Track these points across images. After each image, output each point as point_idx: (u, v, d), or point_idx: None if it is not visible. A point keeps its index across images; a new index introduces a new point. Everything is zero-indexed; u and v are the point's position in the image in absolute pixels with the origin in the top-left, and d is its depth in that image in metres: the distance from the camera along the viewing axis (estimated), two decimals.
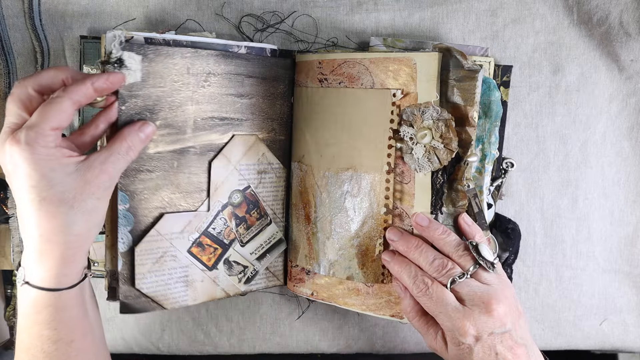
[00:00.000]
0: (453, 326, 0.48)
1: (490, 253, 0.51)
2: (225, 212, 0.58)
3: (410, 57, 0.53)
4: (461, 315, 0.48)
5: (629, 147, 0.66)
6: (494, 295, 0.48)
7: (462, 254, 0.50)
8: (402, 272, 0.52)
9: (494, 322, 0.47)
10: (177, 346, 0.68)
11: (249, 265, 0.60)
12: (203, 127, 0.56)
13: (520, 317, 0.49)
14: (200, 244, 0.57)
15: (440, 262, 0.50)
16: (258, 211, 0.61)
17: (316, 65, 0.58)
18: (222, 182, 0.58)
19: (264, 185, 0.61)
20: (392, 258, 0.54)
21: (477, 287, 0.49)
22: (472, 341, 0.47)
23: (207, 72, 0.56)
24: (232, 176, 0.58)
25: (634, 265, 0.68)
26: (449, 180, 0.54)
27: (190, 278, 0.58)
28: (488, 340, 0.47)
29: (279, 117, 0.61)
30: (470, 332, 0.47)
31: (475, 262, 0.50)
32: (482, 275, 0.50)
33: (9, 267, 0.67)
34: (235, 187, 0.59)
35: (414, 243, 0.52)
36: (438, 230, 0.52)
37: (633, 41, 0.63)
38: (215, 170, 0.57)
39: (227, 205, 0.58)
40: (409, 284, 0.52)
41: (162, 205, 0.55)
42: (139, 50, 0.51)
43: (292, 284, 0.63)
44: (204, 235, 0.57)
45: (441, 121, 0.52)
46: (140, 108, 0.52)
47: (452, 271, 0.50)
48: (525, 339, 0.49)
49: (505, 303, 0.48)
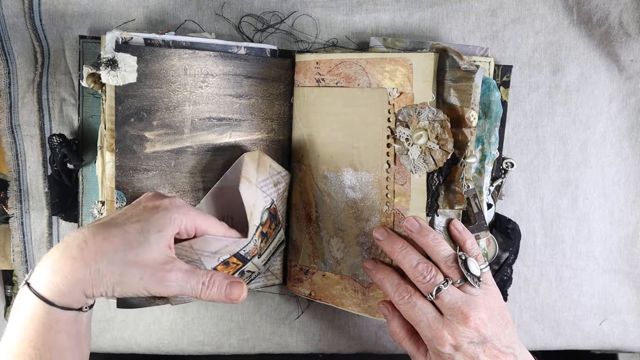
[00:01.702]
0: (432, 336, 0.48)
1: (477, 268, 0.50)
2: (257, 233, 0.56)
3: (407, 58, 0.53)
4: (440, 325, 0.48)
5: (629, 147, 0.66)
6: (473, 306, 0.48)
7: (450, 266, 0.50)
8: (384, 280, 0.52)
9: (471, 331, 0.47)
10: (177, 346, 0.69)
11: (256, 270, 0.60)
12: (201, 128, 0.57)
13: (506, 326, 0.50)
14: (227, 262, 0.55)
15: (425, 266, 0.50)
16: (275, 222, 0.60)
17: (314, 66, 0.58)
18: (254, 204, 0.55)
19: (280, 196, 0.60)
20: (374, 266, 0.54)
21: (459, 297, 0.49)
22: (452, 351, 0.48)
23: (205, 73, 0.56)
24: (258, 196, 0.56)
25: (634, 265, 0.68)
26: (445, 181, 0.54)
27: None
28: (469, 350, 0.47)
29: (278, 118, 0.61)
30: (449, 342, 0.48)
31: (462, 277, 0.50)
32: (466, 288, 0.50)
33: (9, 267, 0.67)
34: (262, 205, 0.56)
35: (399, 244, 0.52)
36: (428, 237, 0.51)
37: (633, 41, 0.63)
38: (244, 195, 0.54)
39: (259, 226, 0.56)
40: (390, 292, 0.51)
41: None
42: (135, 52, 0.52)
43: (291, 283, 0.63)
44: (234, 257, 0.55)
45: (437, 122, 0.52)
46: (136, 108, 0.53)
47: (436, 278, 0.49)
48: (513, 348, 0.49)
49: (485, 313, 0.48)
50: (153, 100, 0.54)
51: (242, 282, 0.49)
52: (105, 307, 0.67)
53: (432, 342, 0.49)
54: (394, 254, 0.52)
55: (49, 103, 0.62)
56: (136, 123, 0.54)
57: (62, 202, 0.62)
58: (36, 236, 0.64)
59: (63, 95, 0.62)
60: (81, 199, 0.62)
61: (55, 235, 0.64)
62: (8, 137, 0.61)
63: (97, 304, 0.66)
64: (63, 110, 0.62)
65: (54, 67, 0.61)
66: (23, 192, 0.63)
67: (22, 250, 0.64)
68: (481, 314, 0.48)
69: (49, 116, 0.62)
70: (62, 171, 0.61)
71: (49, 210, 0.63)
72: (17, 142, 0.62)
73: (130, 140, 0.54)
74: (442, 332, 0.48)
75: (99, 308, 0.67)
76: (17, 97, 0.61)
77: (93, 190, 0.62)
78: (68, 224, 0.64)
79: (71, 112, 0.62)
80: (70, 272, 0.43)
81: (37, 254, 0.64)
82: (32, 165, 0.62)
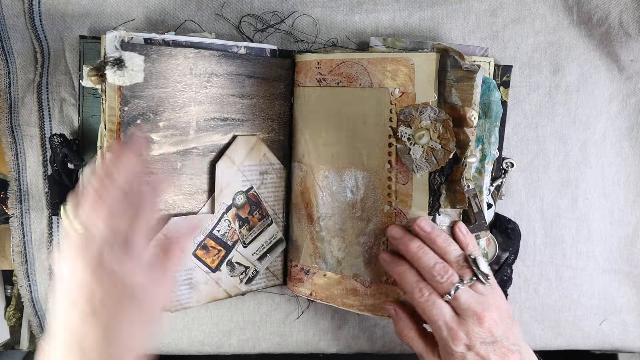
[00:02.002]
0: (448, 335, 0.49)
1: (486, 266, 0.52)
2: (230, 214, 0.58)
3: (408, 58, 0.53)
4: (456, 325, 0.49)
5: (629, 147, 0.66)
6: (486, 306, 0.49)
7: (462, 265, 0.51)
8: (404, 274, 0.52)
9: (485, 332, 0.49)
10: (177, 346, 0.68)
11: (250, 265, 0.60)
12: (205, 128, 0.56)
13: (512, 324, 0.51)
14: (205, 247, 0.57)
15: (442, 266, 0.51)
16: (260, 212, 0.61)
17: (314, 66, 0.58)
18: (227, 183, 0.58)
19: (265, 186, 0.61)
20: (391, 259, 0.54)
21: (473, 297, 0.50)
22: (465, 350, 0.49)
23: (209, 73, 0.56)
24: (236, 177, 0.58)
25: (634, 265, 0.68)
26: (447, 181, 0.54)
27: (195, 280, 0.58)
28: (481, 350, 0.49)
29: (278, 117, 0.61)
30: (463, 342, 0.49)
31: (473, 275, 0.51)
32: (477, 287, 0.51)
33: (9, 267, 0.67)
34: (239, 188, 0.59)
35: (416, 244, 0.52)
36: (440, 238, 0.52)
37: (633, 41, 0.63)
38: (220, 171, 0.57)
39: (232, 207, 0.58)
40: (410, 288, 0.52)
41: (166, 207, 0.55)
42: (142, 51, 0.51)
43: (292, 283, 0.63)
44: (209, 238, 0.57)
45: (439, 122, 0.52)
46: (143, 109, 0.53)
47: (453, 278, 0.50)
48: (519, 345, 0.51)
49: (496, 313, 0.50)
50: (159, 100, 0.53)
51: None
52: None
53: (447, 341, 0.49)
54: (410, 253, 0.52)
55: (49, 103, 0.62)
56: (143, 124, 0.54)
57: (62, 202, 0.62)
58: (36, 236, 0.64)
59: (63, 95, 0.62)
60: None
61: (55, 235, 0.64)
62: (8, 137, 0.61)
63: None
64: (63, 110, 0.62)
65: (54, 67, 0.61)
66: (23, 192, 0.63)
67: (22, 250, 0.64)
68: (493, 315, 0.49)
69: (49, 116, 0.62)
70: (62, 171, 0.61)
71: (49, 210, 0.63)
72: (17, 142, 0.62)
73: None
74: (458, 332, 0.49)
75: None
76: (17, 97, 0.61)
77: None
78: None
79: (71, 112, 0.62)
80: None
81: (37, 254, 0.64)
82: (32, 165, 0.62)
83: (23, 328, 0.69)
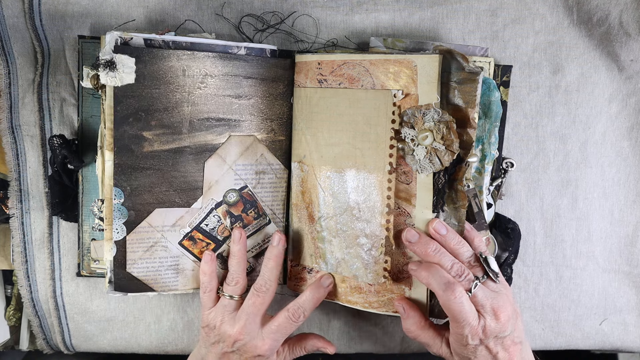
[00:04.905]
0: (470, 331, 0.51)
1: (496, 264, 0.54)
2: (219, 210, 0.60)
3: (411, 59, 0.53)
4: (476, 322, 0.51)
5: (629, 147, 0.66)
6: (501, 302, 0.52)
7: (474, 265, 0.53)
8: (431, 277, 0.53)
9: (500, 327, 0.51)
10: (177, 346, 0.69)
11: None
12: (199, 128, 0.58)
13: (517, 318, 0.54)
14: (192, 238, 0.60)
15: (459, 267, 0.52)
16: (256, 211, 0.62)
17: (315, 66, 0.58)
18: (217, 180, 0.59)
19: (262, 185, 0.61)
20: (418, 266, 0.54)
21: (488, 294, 0.52)
22: (478, 342, 0.52)
23: (203, 74, 0.57)
24: (228, 176, 0.60)
25: (634, 265, 0.68)
26: (449, 179, 0.54)
27: (181, 267, 0.60)
28: (491, 343, 0.52)
29: (278, 118, 0.61)
30: (479, 336, 0.51)
31: (485, 273, 0.53)
32: (489, 284, 0.53)
33: (8, 267, 0.67)
34: (230, 186, 0.60)
35: (433, 246, 0.53)
36: (454, 240, 0.54)
37: (633, 41, 0.63)
38: (208, 169, 0.59)
39: (222, 203, 0.60)
40: (439, 289, 0.52)
41: (157, 202, 0.58)
42: (133, 53, 0.53)
43: (293, 283, 0.63)
44: (196, 230, 0.60)
45: (442, 123, 0.52)
46: (135, 108, 0.55)
47: (470, 277, 0.52)
48: (521, 337, 0.54)
49: (510, 308, 0.52)
50: (151, 100, 0.56)
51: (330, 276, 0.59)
52: (105, 307, 0.67)
53: (467, 337, 0.51)
54: (428, 256, 0.53)
55: (49, 103, 0.62)
56: (134, 123, 0.55)
57: (62, 202, 0.63)
58: (36, 236, 0.64)
59: (63, 96, 0.62)
60: (81, 199, 0.62)
61: (55, 235, 0.64)
62: (8, 137, 0.61)
63: (97, 304, 0.66)
64: (63, 111, 0.62)
65: (54, 67, 0.61)
66: (23, 192, 0.63)
67: (22, 250, 0.64)
68: (508, 310, 0.52)
69: (49, 116, 0.62)
70: (62, 172, 0.61)
71: (49, 210, 0.63)
72: (18, 142, 0.62)
73: (128, 139, 0.56)
74: (477, 328, 0.51)
75: (100, 308, 0.67)
76: (17, 97, 0.61)
77: (93, 190, 0.62)
78: (68, 224, 0.64)
79: (71, 112, 0.62)
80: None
81: (37, 254, 0.64)
82: (33, 165, 0.62)
83: (23, 328, 0.69)
